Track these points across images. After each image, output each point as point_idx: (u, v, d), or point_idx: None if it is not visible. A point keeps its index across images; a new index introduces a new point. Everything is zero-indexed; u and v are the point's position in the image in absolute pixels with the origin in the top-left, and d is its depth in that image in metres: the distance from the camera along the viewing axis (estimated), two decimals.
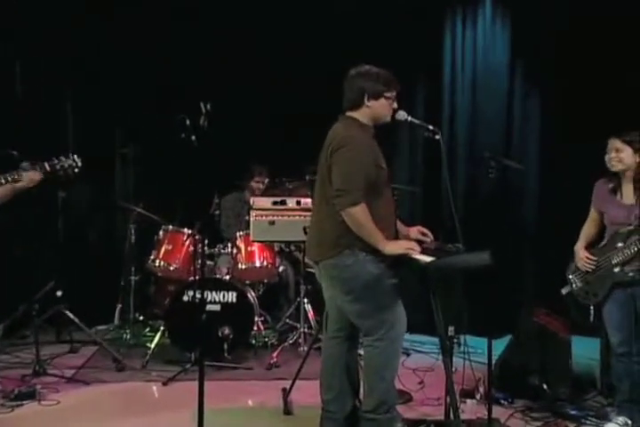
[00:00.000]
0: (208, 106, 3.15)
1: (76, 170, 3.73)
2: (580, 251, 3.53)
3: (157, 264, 4.64)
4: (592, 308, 3.45)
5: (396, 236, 3.03)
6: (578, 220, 3.70)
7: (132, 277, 4.86)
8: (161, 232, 4.72)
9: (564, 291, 3.63)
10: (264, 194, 5.09)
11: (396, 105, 3.02)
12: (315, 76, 5.21)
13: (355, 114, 2.99)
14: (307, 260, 4.55)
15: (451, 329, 3.15)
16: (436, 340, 4.01)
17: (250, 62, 5.42)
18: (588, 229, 3.57)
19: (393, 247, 2.87)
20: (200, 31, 5.36)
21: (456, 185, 5.31)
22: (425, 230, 3.22)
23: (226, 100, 5.03)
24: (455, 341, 3.42)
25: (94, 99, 5.29)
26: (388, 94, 2.97)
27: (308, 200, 4.26)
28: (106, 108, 5.33)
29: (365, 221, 2.81)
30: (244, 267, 4.69)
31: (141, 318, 5.12)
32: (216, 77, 5.30)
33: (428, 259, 2.82)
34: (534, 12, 5.17)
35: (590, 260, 3.46)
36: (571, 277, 3.59)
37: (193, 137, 3.46)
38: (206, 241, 4.56)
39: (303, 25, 5.31)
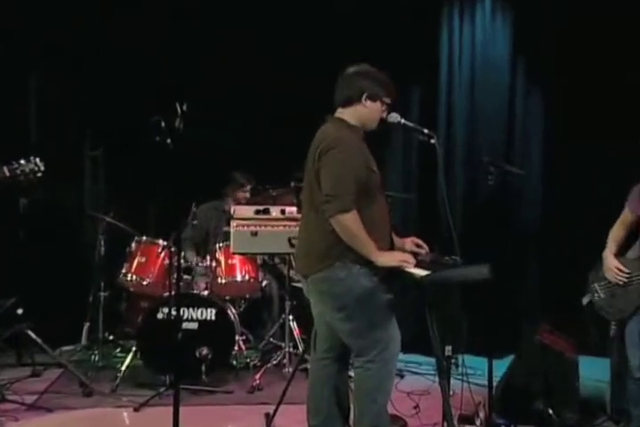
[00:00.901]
0: (184, 107, 3.17)
1: (39, 175, 3.71)
2: (611, 259, 3.45)
3: (129, 278, 4.64)
4: (613, 324, 3.43)
5: (391, 246, 3.05)
6: (586, 229, 3.75)
7: (102, 293, 4.84)
8: (133, 244, 4.71)
9: (584, 300, 3.60)
10: (246, 202, 5.10)
11: (385, 114, 3.08)
12: (301, 75, 5.27)
13: (344, 114, 3.02)
14: (293, 273, 4.58)
15: (448, 349, 3.17)
16: (432, 360, 4.05)
17: (230, 60, 5.47)
18: (618, 232, 3.49)
19: (386, 259, 2.88)
20: (179, 28, 5.41)
21: (453, 192, 5.36)
22: (420, 242, 3.24)
23: (203, 101, 5.07)
24: (453, 361, 3.44)
25: (61, 96, 5.27)
26: (385, 100, 3.03)
27: (294, 209, 4.27)
28: (74, 106, 5.33)
29: (357, 229, 2.83)
30: (223, 281, 4.69)
31: (111, 337, 5.09)
32: (193, 77, 5.34)
33: (423, 272, 2.84)
34: (536, 5, 5.25)
35: (623, 272, 3.42)
36: (594, 285, 3.56)
37: (168, 140, 3.46)
38: (182, 253, 4.63)
39: (294, 23, 5.39)
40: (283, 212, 4.29)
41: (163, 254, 4.63)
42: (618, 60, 4.94)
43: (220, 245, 4.78)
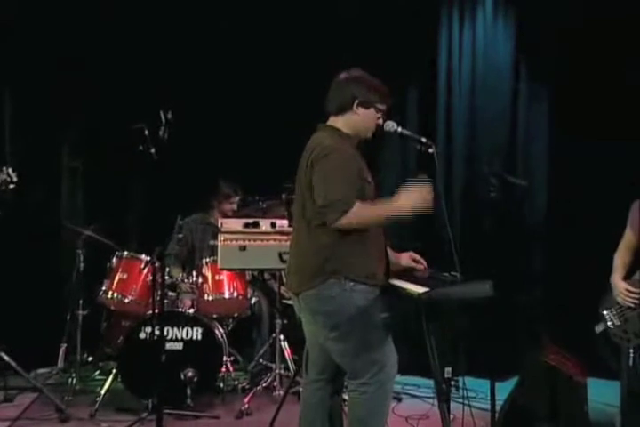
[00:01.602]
0: (169, 115, 3.19)
1: (12, 186, 3.72)
2: (619, 282, 3.51)
3: (110, 296, 4.64)
4: (632, 351, 3.44)
5: (385, 259, 3.06)
6: (594, 244, 3.76)
7: (80, 312, 4.83)
8: (114, 259, 4.72)
9: (597, 329, 3.65)
10: (233, 215, 5.11)
11: (381, 121, 3.10)
12: (293, 81, 5.32)
13: (337, 122, 3.05)
14: (283, 290, 4.59)
15: (448, 370, 3.17)
16: (431, 382, 4.05)
17: (218, 65, 5.52)
18: (623, 257, 3.56)
19: (405, 201, 2.90)
20: (162, 34, 5.46)
21: (453, 204, 5.39)
22: (417, 257, 3.26)
23: (189, 109, 5.09)
24: (453, 383, 3.43)
25: (39, 103, 5.30)
26: (379, 106, 3.05)
27: (285, 222, 4.29)
28: (52, 114, 5.34)
29: (368, 214, 2.84)
30: (210, 299, 4.70)
31: (90, 359, 5.09)
32: (179, 84, 5.38)
33: (420, 289, 2.86)
34: (540, 5, 5.29)
35: (633, 293, 3.46)
36: (605, 313, 3.60)
37: (152, 149, 3.49)
38: (167, 269, 4.63)
39: (285, 28, 5.44)
40: (273, 225, 4.30)
41: (146, 270, 4.63)
42: (627, 63, 4.98)
43: (207, 260, 4.78)
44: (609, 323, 3.55)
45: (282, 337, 4.71)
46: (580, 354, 3.86)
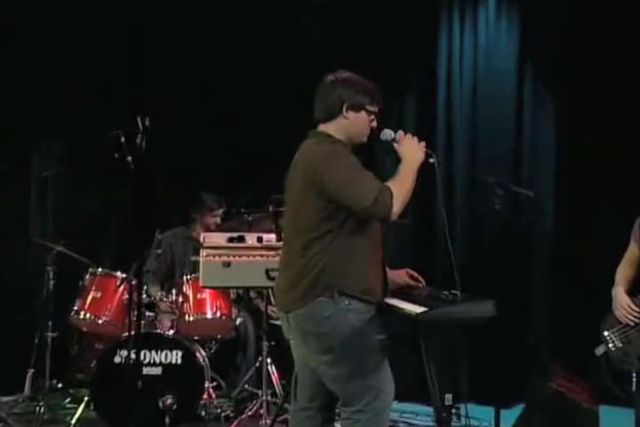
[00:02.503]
0: (147, 121, 3.20)
1: None
2: (622, 296, 3.53)
3: (82, 317, 4.62)
4: (634, 375, 3.44)
5: (383, 276, 3.05)
6: (606, 259, 3.76)
7: (49, 334, 4.80)
8: (87, 276, 4.71)
9: (598, 351, 3.64)
10: (217, 228, 5.12)
11: (375, 124, 3.09)
12: (281, 87, 5.35)
13: (328, 128, 3.06)
14: (271, 310, 4.58)
15: (448, 397, 3.18)
16: (430, 410, 4.04)
17: (200, 68, 5.54)
18: (626, 271, 3.59)
19: (411, 153, 2.98)
20: (139, 35, 5.49)
21: (454, 217, 5.39)
22: (415, 274, 3.27)
23: (169, 115, 5.12)
24: (454, 411, 3.44)
25: (4, 107, 5.28)
26: (370, 108, 3.05)
27: (272, 236, 4.29)
28: (19, 118, 5.34)
29: (403, 185, 2.92)
30: (191, 319, 4.69)
31: (60, 385, 5.05)
32: (157, 87, 5.40)
33: (418, 309, 2.86)
34: (546, 4, 5.34)
35: (634, 310, 3.47)
36: (606, 333, 3.60)
37: (129, 158, 3.50)
38: (144, 287, 4.62)
39: (274, 32, 5.48)
40: (260, 239, 4.30)
41: (121, 289, 4.62)
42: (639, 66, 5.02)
43: (188, 277, 4.78)
44: (610, 345, 3.56)
45: (269, 361, 4.68)
46: (591, 379, 3.87)
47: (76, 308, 4.63)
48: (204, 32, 5.52)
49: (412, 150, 3.00)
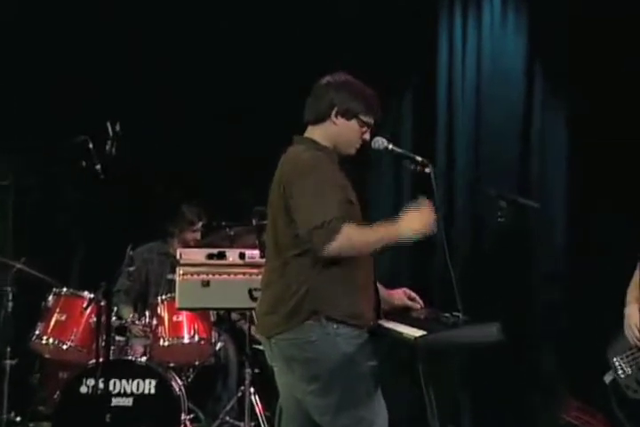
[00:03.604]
0: (117, 126, 3.20)
1: None
2: (634, 314, 3.56)
3: (45, 342, 4.60)
4: None
5: (376, 297, 3.06)
6: (622, 276, 3.77)
7: (7, 361, 4.78)
8: (51, 297, 4.68)
9: (607, 379, 3.66)
10: (195, 244, 5.11)
11: (368, 136, 3.09)
12: (268, 87, 5.37)
13: (314, 133, 3.07)
14: (254, 333, 4.57)
15: None
16: None
17: (178, 67, 5.55)
18: (637, 291, 3.63)
19: (407, 223, 2.93)
20: (111, 32, 5.50)
21: (454, 232, 5.41)
22: (412, 294, 3.25)
23: (141, 119, 5.13)
24: None
25: None
26: (363, 118, 3.05)
27: (256, 252, 4.28)
28: None
29: (363, 237, 2.86)
30: (166, 344, 4.67)
31: (19, 418, 5.00)
32: (129, 90, 5.41)
33: (416, 333, 2.84)
34: (556, 3, 5.39)
35: None
36: (615, 360, 3.62)
37: (97, 166, 3.49)
38: (114, 309, 4.60)
39: (260, 28, 5.52)
40: (242, 256, 4.29)
41: (89, 311, 4.60)
42: None
43: (163, 297, 4.76)
44: (619, 372, 3.57)
45: (252, 390, 4.66)
46: (608, 410, 3.86)
47: (37, 332, 4.60)
48: (202, 32, 5.59)
49: (411, 222, 2.95)
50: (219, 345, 4.94)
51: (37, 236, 5.36)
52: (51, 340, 4.59)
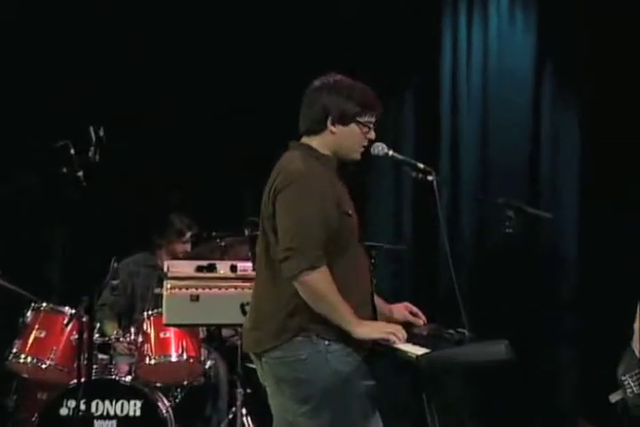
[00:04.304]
0: (101, 131, 3.20)
1: None
2: None
3: (23, 360, 4.56)
4: None
5: (373, 315, 3.05)
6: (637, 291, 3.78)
7: None
8: (29, 313, 4.65)
9: (613, 398, 3.70)
10: (184, 256, 5.10)
11: (373, 135, 3.06)
12: (261, 90, 5.41)
13: (313, 141, 3.06)
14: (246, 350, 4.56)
15: None
16: None
17: (176, 67, 5.61)
18: None
19: (367, 330, 2.88)
20: (115, 28, 5.55)
21: (459, 243, 5.41)
22: (414, 309, 3.24)
23: (127, 124, 5.13)
24: None
25: None
26: (362, 119, 3.02)
27: (249, 264, 4.27)
28: None
29: (327, 291, 2.83)
30: (153, 362, 4.64)
31: None
32: (114, 92, 5.43)
33: (418, 351, 2.83)
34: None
35: None
36: (624, 378, 3.66)
37: (79, 173, 3.49)
38: (97, 325, 4.58)
39: (252, 30, 5.57)
40: (234, 268, 4.28)
41: (70, 327, 4.57)
42: None
43: (150, 313, 4.74)
44: (628, 391, 3.59)
45: (244, 411, 4.66)
46: None
47: (14, 350, 4.56)
48: (202, 32, 5.65)
49: (371, 331, 2.89)
50: (208, 363, 4.92)
51: (14, 247, 5.35)
52: (29, 358, 4.55)
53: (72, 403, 4.27)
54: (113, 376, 4.58)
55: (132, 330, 4.78)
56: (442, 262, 5.24)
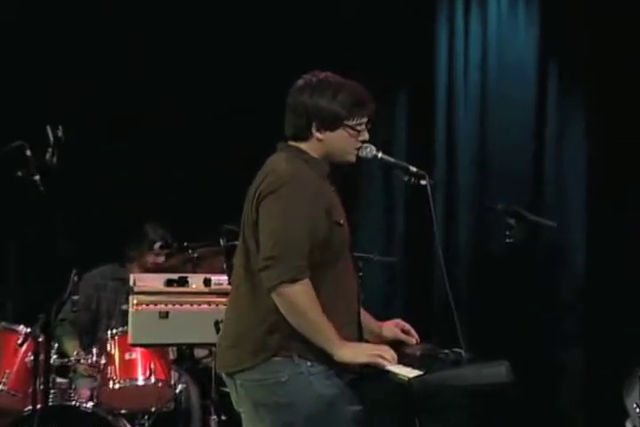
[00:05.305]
0: (59, 131, 3.18)
1: None
2: None
3: None
4: None
5: (359, 333, 3.05)
6: None
7: None
8: None
9: (629, 425, 3.69)
10: (154, 268, 5.08)
11: (366, 136, 3.06)
12: (244, 88, 5.48)
13: (301, 144, 3.05)
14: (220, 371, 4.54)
15: None
16: None
17: (176, 67, 5.73)
18: None
19: (352, 352, 2.87)
20: (115, 28, 5.64)
21: (456, 255, 5.41)
22: (407, 326, 3.23)
23: (88, 123, 5.16)
24: None
25: None
26: (350, 122, 3.01)
27: (224, 278, 4.26)
28: None
29: (308, 307, 2.83)
30: (117, 387, 4.61)
31: None
32: (131, 88, 5.53)
33: (410, 373, 2.83)
34: None
35: None
36: (635, 406, 3.69)
37: (36, 177, 3.47)
38: (55, 345, 4.55)
39: (262, 30, 5.67)
40: (207, 282, 4.27)
41: (24, 347, 4.53)
42: None
43: (114, 331, 4.72)
44: (637, 420, 3.58)
45: None
46: None
47: None
48: (202, 32, 5.77)
49: (355, 354, 2.88)
50: (179, 387, 4.88)
51: None
52: None
53: None
54: (73, 402, 4.55)
55: (95, 350, 4.75)
56: (436, 275, 5.25)
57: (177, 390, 4.85)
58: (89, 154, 5.29)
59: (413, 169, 3.12)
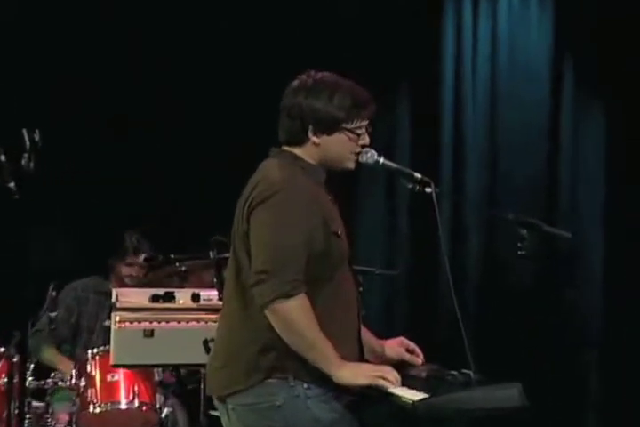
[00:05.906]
0: (36, 135, 3.18)
1: None
2: None
3: None
4: None
5: (360, 353, 3.05)
6: None
7: None
8: None
9: None
10: (134, 282, 5.09)
11: (367, 140, 3.05)
12: (238, 90, 5.55)
13: (295, 149, 3.05)
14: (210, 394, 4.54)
15: None
16: None
17: (176, 67, 5.84)
18: None
19: (352, 373, 2.87)
20: (115, 28, 5.74)
21: (464, 269, 5.43)
22: (411, 345, 3.24)
23: (68, 126, 5.23)
24: None
25: None
26: (349, 125, 3.01)
27: (214, 293, 4.26)
28: None
29: (304, 324, 2.83)
30: (98, 411, 4.60)
31: None
32: (131, 88, 5.61)
33: (415, 396, 2.81)
34: None
35: None
36: None
37: (11, 184, 3.47)
38: (31, 366, 4.54)
39: (262, 30, 5.75)
40: (196, 298, 4.25)
41: None
42: None
43: (94, 351, 4.72)
44: None
45: None
46: None
47: None
48: (202, 32, 5.90)
49: (354, 376, 2.87)
50: (165, 411, 4.87)
51: None
52: None
53: None
54: None
55: (74, 372, 4.75)
56: (442, 290, 5.24)
57: (163, 415, 4.84)
58: (89, 154, 5.47)
59: (418, 176, 3.10)
